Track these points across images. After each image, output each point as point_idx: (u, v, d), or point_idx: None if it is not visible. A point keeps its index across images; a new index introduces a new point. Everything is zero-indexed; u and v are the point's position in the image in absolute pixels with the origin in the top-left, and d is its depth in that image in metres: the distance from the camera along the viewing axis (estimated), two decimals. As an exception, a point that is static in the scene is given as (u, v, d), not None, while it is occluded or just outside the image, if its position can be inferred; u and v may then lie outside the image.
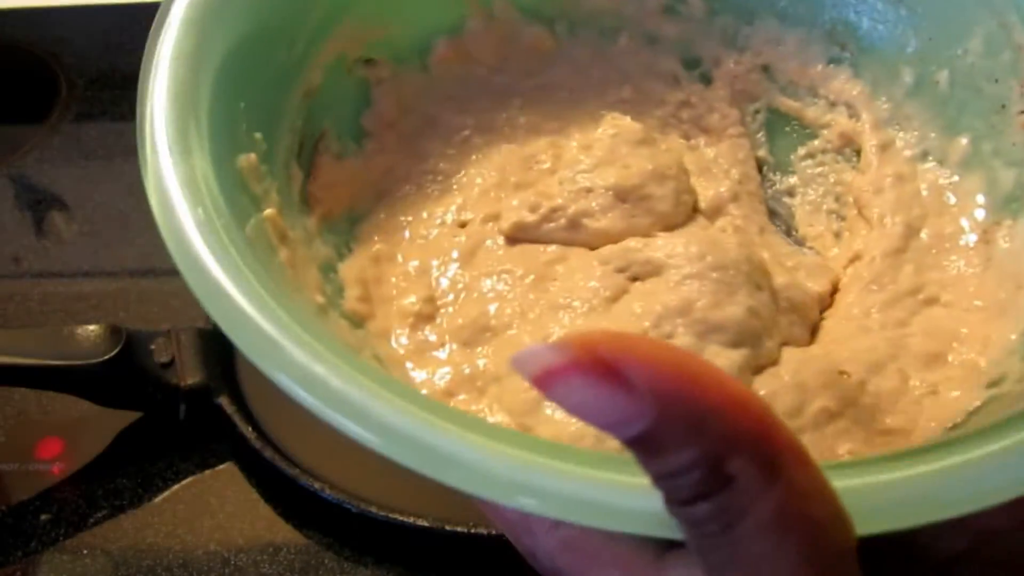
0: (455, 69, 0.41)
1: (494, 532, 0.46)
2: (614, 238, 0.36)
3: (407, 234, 0.37)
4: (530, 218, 0.36)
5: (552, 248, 0.36)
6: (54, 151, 0.77)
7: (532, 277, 0.35)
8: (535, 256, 0.36)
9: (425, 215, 0.38)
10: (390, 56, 0.40)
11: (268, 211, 0.31)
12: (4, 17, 0.93)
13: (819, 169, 0.41)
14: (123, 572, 0.48)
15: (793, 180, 0.41)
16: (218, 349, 0.55)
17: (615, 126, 0.38)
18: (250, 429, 0.51)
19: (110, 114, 0.81)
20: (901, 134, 0.39)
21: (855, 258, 0.38)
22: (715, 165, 0.41)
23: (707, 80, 0.43)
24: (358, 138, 0.39)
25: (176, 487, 0.52)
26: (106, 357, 0.50)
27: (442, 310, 0.35)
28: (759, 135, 0.42)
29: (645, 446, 0.21)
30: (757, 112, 0.43)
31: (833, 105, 0.41)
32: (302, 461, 0.51)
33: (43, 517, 0.50)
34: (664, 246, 0.34)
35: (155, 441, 0.54)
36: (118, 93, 0.83)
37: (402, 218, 0.38)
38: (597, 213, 0.36)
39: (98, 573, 0.48)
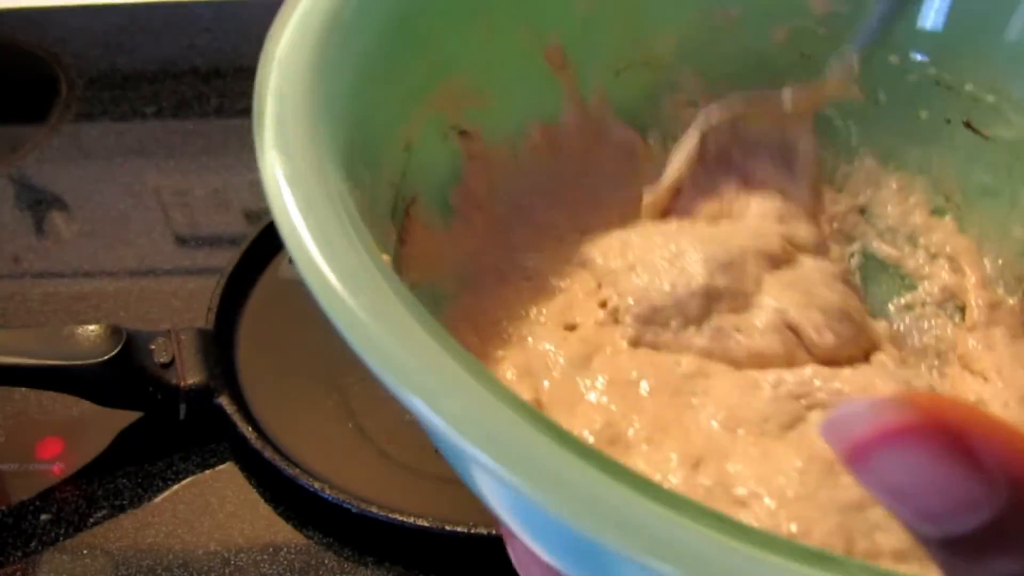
0: (545, 159, 0.40)
1: (494, 532, 0.46)
2: (764, 361, 0.33)
3: (504, 331, 0.34)
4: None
5: (688, 359, 0.33)
6: (54, 151, 0.77)
7: (668, 390, 0.32)
8: (668, 367, 0.32)
9: (522, 313, 0.35)
10: (484, 131, 0.39)
11: (384, 256, 0.29)
12: (4, 17, 0.93)
13: (918, 322, 0.38)
14: (123, 572, 0.48)
15: (891, 329, 0.38)
16: (218, 349, 0.55)
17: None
18: (250, 429, 0.51)
19: (110, 114, 0.81)
20: (1011, 300, 0.37)
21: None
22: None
23: None
24: (446, 214, 0.37)
25: (176, 487, 0.52)
26: (106, 357, 0.50)
27: (555, 417, 0.31)
28: (854, 279, 0.40)
29: (976, 543, 0.17)
30: (852, 255, 0.40)
31: (934, 257, 0.39)
32: (302, 461, 0.51)
33: (43, 517, 0.50)
34: (854, 380, 0.32)
35: (155, 441, 0.54)
36: (118, 93, 0.83)
37: (494, 312, 0.35)
38: (756, 332, 0.33)
39: (98, 573, 0.48)
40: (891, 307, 0.39)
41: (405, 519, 0.47)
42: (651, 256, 0.35)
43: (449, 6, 0.36)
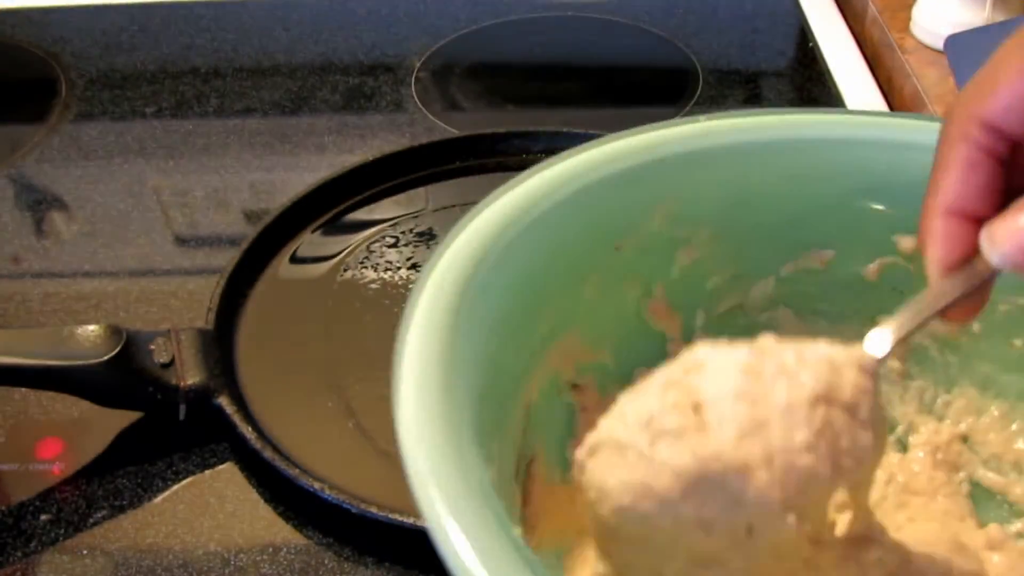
0: None
1: (494, 532, 0.46)
2: None
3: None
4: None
5: None
6: (54, 151, 0.77)
7: None
8: None
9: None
10: (596, 383, 0.40)
11: (516, 529, 0.30)
12: (4, 17, 0.93)
13: None
14: (123, 572, 0.48)
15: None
16: (218, 349, 0.55)
17: None
18: (250, 429, 0.51)
19: (110, 114, 0.81)
20: None
21: None
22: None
23: (903, 447, 0.41)
24: (565, 468, 0.38)
25: (176, 487, 0.52)
26: (106, 357, 0.50)
27: None
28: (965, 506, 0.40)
29: None
30: (960, 483, 0.41)
31: None
32: (302, 461, 0.51)
33: (43, 517, 0.50)
34: None
35: (155, 441, 0.54)
36: (118, 93, 0.83)
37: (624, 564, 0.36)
38: None
39: (98, 573, 0.48)
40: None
41: (405, 519, 0.47)
42: None
43: (564, 270, 0.38)
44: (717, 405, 0.30)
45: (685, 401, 0.30)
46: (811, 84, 0.81)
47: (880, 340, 0.32)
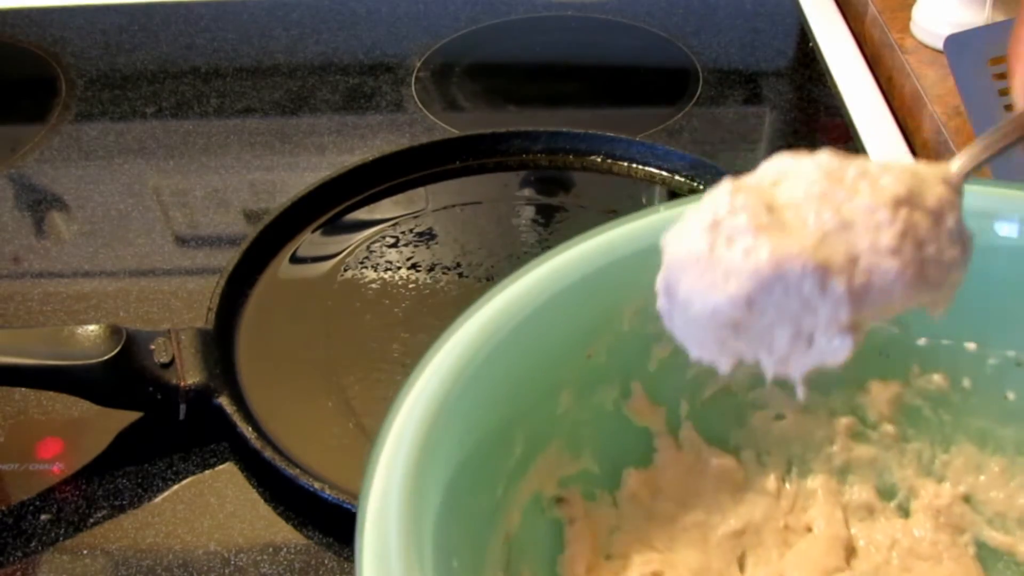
0: (646, 504, 0.40)
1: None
2: None
3: None
4: None
5: None
6: (54, 151, 0.77)
7: None
8: None
9: None
10: (582, 492, 0.39)
11: None
12: (4, 17, 0.93)
13: None
14: (123, 572, 0.48)
15: None
16: (218, 349, 0.55)
17: None
18: (250, 429, 0.51)
19: (110, 114, 0.81)
20: None
21: None
22: None
23: (905, 512, 0.41)
24: None
25: (176, 487, 0.52)
26: (106, 357, 0.50)
27: None
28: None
29: None
30: (966, 545, 0.40)
31: None
32: (302, 461, 0.51)
33: (43, 517, 0.50)
34: None
35: (155, 441, 0.54)
36: (118, 93, 0.83)
37: None
38: None
39: (98, 573, 0.48)
40: None
41: (405, 519, 0.47)
42: None
43: (535, 387, 0.37)
44: (795, 206, 0.28)
45: (756, 202, 0.29)
46: (811, 84, 0.81)
47: (964, 159, 0.31)
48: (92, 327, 0.51)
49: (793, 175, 0.29)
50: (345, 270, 0.63)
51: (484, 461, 0.35)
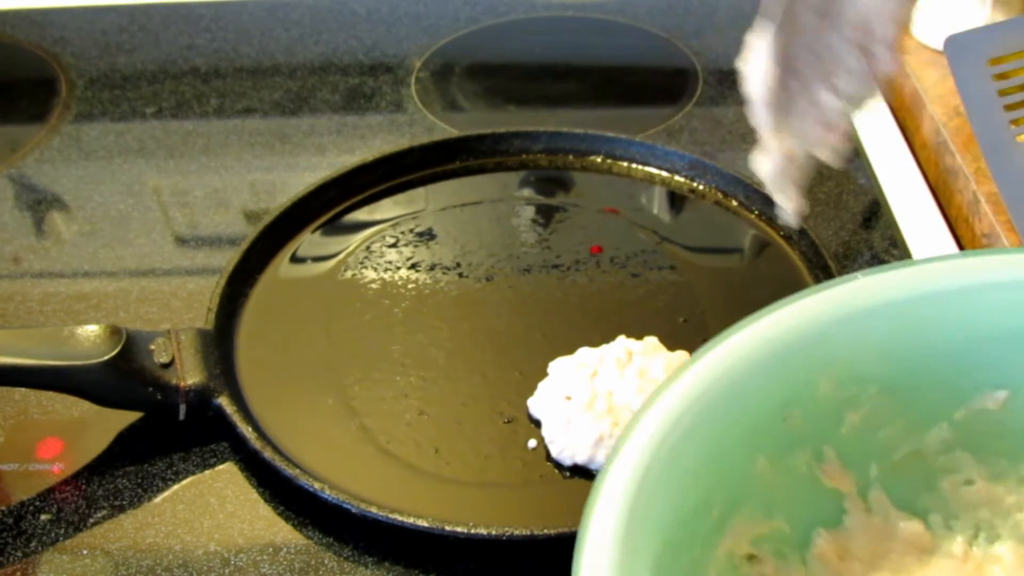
0: (833, 565, 0.41)
1: (493, 532, 0.46)
2: None
3: None
4: None
5: None
6: (54, 151, 0.77)
7: None
8: None
9: None
10: (773, 551, 0.40)
11: None
12: (4, 17, 0.93)
13: None
14: (123, 572, 0.48)
15: None
16: (218, 349, 0.55)
17: None
18: (250, 429, 0.51)
19: (110, 114, 0.81)
20: None
21: None
22: None
23: None
24: None
25: (176, 487, 0.52)
26: (106, 357, 0.50)
27: None
28: None
29: None
30: None
31: None
32: (302, 461, 0.51)
33: (43, 517, 0.50)
34: None
35: (155, 441, 0.54)
36: (118, 93, 0.83)
37: None
38: None
39: (98, 573, 0.48)
40: None
41: (405, 519, 0.47)
42: None
43: (735, 450, 0.38)
44: None
45: None
46: (811, 84, 0.81)
47: None
48: (92, 327, 0.51)
49: None
50: (345, 270, 0.63)
51: (688, 522, 0.36)
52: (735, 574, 0.39)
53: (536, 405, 0.53)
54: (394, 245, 0.65)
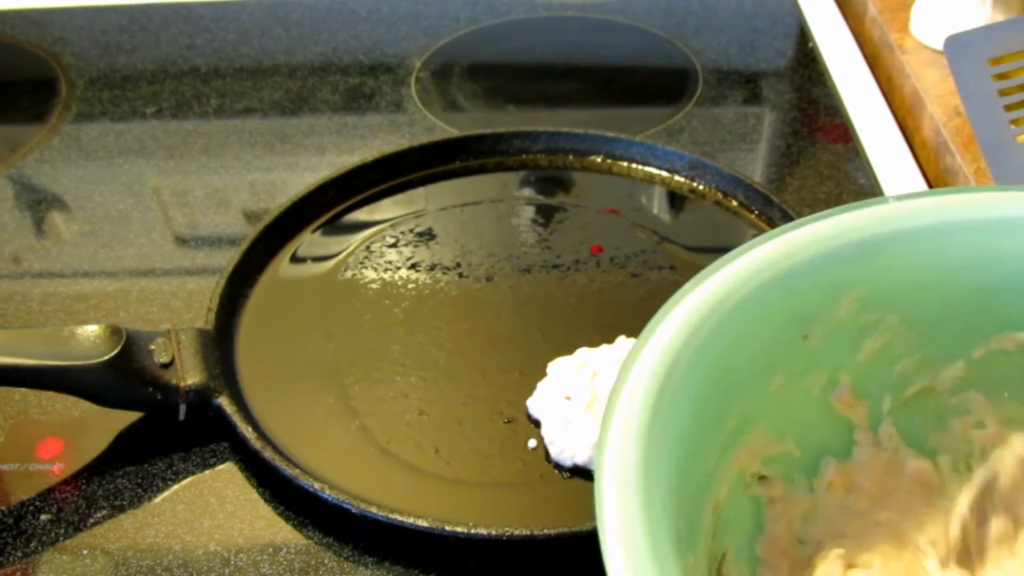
0: (841, 497, 0.41)
1: (493, 532, 0.46)
2: None
3: None
4: None
5: None
6: (54, 151, 0.77)
7: None
8: None
9: None
10: (782, 474, 0.40)
11: None
12: (4, 17, 0.93)
13: None
14: (123, 572, 0.48)
15: None
16: (218, 349, 0.55)
17: None
18: (250, 429, 0.51)
19: (110, 114, 0.81)
20: None
21: None
22: None
23: None
24: (753, 565, 0.38)
25: (176, 487, 0.52)
26: (106, 357, 0.50)
27: None
28: None
29: None
30: None
31: None
32: (302, 461, 0.51)
33: (43, 517, 0.50)
34: None
35: (155, 441, 0.54)
36: (118, 93, 0.83)
37: None
38: None
39: (98, 573, 0.48)
40: None
41: (405, 519, 0.47)
42: None
43: (753, 364, 0.38)
44: None
45: None
46: (811, 84, 0.81)
47: None
48: (92, 327, 0.51)
49: None
50: (345, 270, 0.63)
51: (704, 430, 0.35)
52: (745, 495, 0.39)
53: (535, 405, 0.53)
54: (394, 245, 0.65)
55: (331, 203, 0.68)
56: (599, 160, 0.71)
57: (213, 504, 0.51)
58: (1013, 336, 0.41)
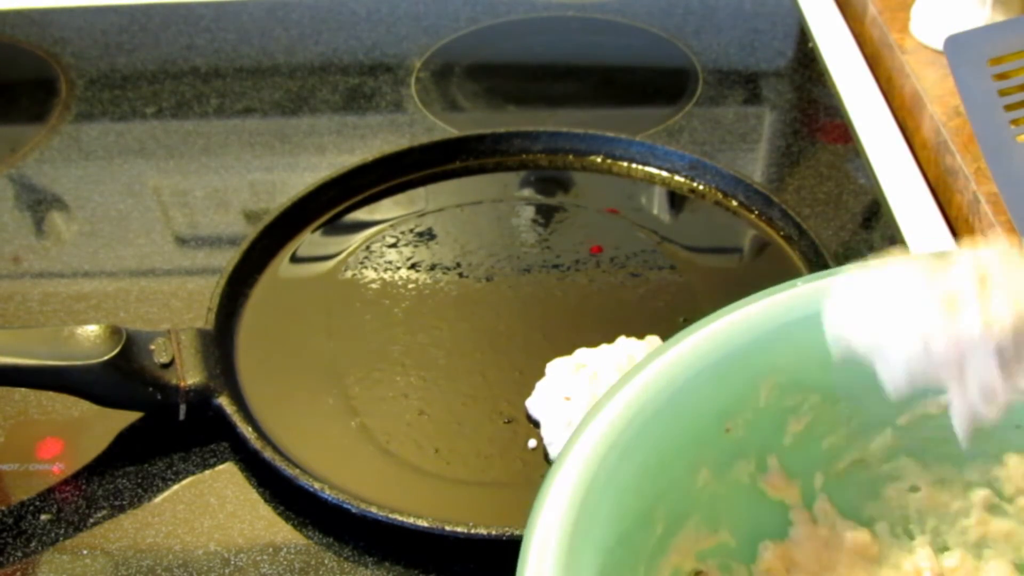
0: None
1: (493, 532, 0.46)
2: None
3: None
4: None
5: None
6: (54, 151, 0.77)
7: None
8: None
9: None
10: (719, 565, 0.39)
11: None
12: (4, 17, 0.93)
13: None
14: (123, 572, 0.48)
15: None
16: (218, 349, 0.55)
17: None
18: (250, 429, 0.51)
19: (110, 114, 0.81)
20: None
21: None
22: None
23: None
24: None
25: (176, 487, 0.52)
26: (106, 357, 0.50)
27: None
28: None
29: None
30: None
31: None
32: (302, 461, 0.51)
33: (43, 517, 0.50)
34: None
35: (155, 441, 0.54)
36: (118, 93, 0.83)
37: None
38: None
39: (98, 573, 0.48)
40: None
41: (405, 519, 0.47)
42: None
43: (677, 464, 0.37)
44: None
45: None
46: (811, 84, 0.81)
47: None
48: (92, 327, 0.51)
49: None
50: (345, 270, 0.63)
51: (629, 543, 0.35)
52: None
53: (535, 405, 0.53)
54: (394, 245, 0.65)
55: (331, 203, 0.68)
56: (599, 160, 0.71)
57: (213, 504, 0.51)
58: (936, 400, 0.40)
